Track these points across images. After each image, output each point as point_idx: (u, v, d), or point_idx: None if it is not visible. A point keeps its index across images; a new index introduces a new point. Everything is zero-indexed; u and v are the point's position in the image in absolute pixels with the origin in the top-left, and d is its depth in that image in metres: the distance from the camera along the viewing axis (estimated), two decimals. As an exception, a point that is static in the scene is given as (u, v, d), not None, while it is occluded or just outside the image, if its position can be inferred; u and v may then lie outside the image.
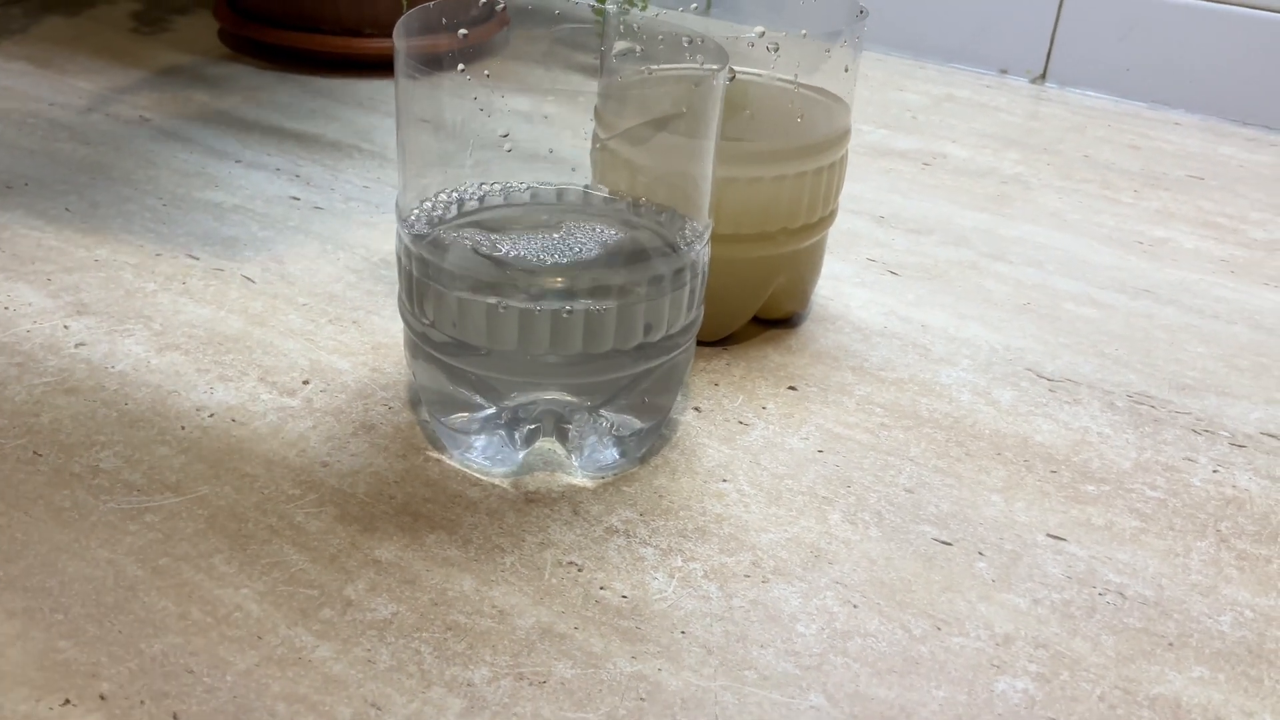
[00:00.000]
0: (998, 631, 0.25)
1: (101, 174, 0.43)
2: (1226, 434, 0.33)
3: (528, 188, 0.30)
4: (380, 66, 0.55)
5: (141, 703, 0.21)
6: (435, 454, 0.29)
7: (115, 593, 0.24)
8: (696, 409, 0.32)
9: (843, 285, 0.39)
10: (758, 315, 0.36)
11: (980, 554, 0.27)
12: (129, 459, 0.28)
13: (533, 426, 0.28)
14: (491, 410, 0.28)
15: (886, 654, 0.24)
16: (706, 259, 0.29)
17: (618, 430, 0.28)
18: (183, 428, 0.29)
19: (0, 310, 0.34)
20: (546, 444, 0.29)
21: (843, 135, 0.34)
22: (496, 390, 0.27)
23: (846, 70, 0.34)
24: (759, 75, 0.35)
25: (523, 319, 0.26)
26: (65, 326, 0.33)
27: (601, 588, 0.25)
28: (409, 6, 0.49)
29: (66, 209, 0.40)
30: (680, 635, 0.24)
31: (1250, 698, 0.24)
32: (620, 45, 0.32)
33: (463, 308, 0.26)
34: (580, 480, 0.28)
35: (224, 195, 0.42)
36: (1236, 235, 0.46)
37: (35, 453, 0.28)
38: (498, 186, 0.30)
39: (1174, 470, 0.31)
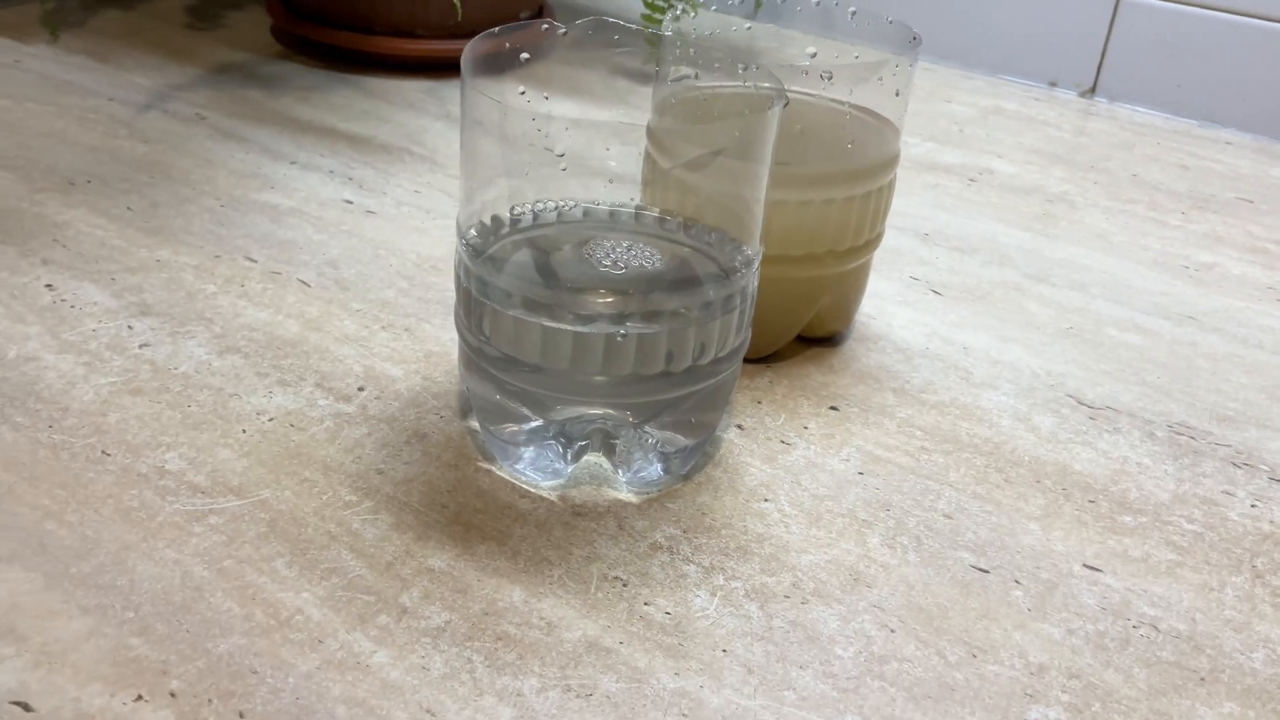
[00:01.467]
0: (1032, 661, 0.26)
1: (160, 173, 0.44)
2: (1266, 468, 0.33)
3: (581, 206, 0.31)
4: (430, 68, 0.57)
5: (209, 701, 0.23)
6: (485, 464, 0.30)
7: (182, 593, 0.25)
8: (739, 426, 0.33)
9: (886, 304, 0.40)
10: (801, 333, 0.36)
11: (1017, 582, 0.28)
12: (193, 461, 0.29)
13: (583, 443, 0.29)
14: (540, 423, 0.29)
15: (922, 679, 0.25)
16: (756, 283, 0.30)
17: (663, 447, 0.29)
18: (244, 431, 0.31)
19: (68, 309, 0.35)
20: (593, 458, 0.30)
21: (891, 160, 0.35)
22: (546, 405, 0.28)
23: (898, 94, 0.35)
24: (810, 96, 0.36)
25: (576, 340, 0.27)
26: (129, 326, 0.35)
27: (646, 603, 0.26)
28: (460, 10, 0.51)
29: (128, 208, 0.42)
30: (721, 653, 0.25)
31: (1281, 736, 0.24)
32: (675, 70, 0.33)
33: (518, 326, 0.27)
34: (625, 495, 0.29)
35: (280, 197, 0.43)
36: (1285, 262, 0.46)
37: (104, 452, 0.30)
38: (552, 204, 0.31)
39: (1212, 503, 0.31)
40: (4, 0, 0.60)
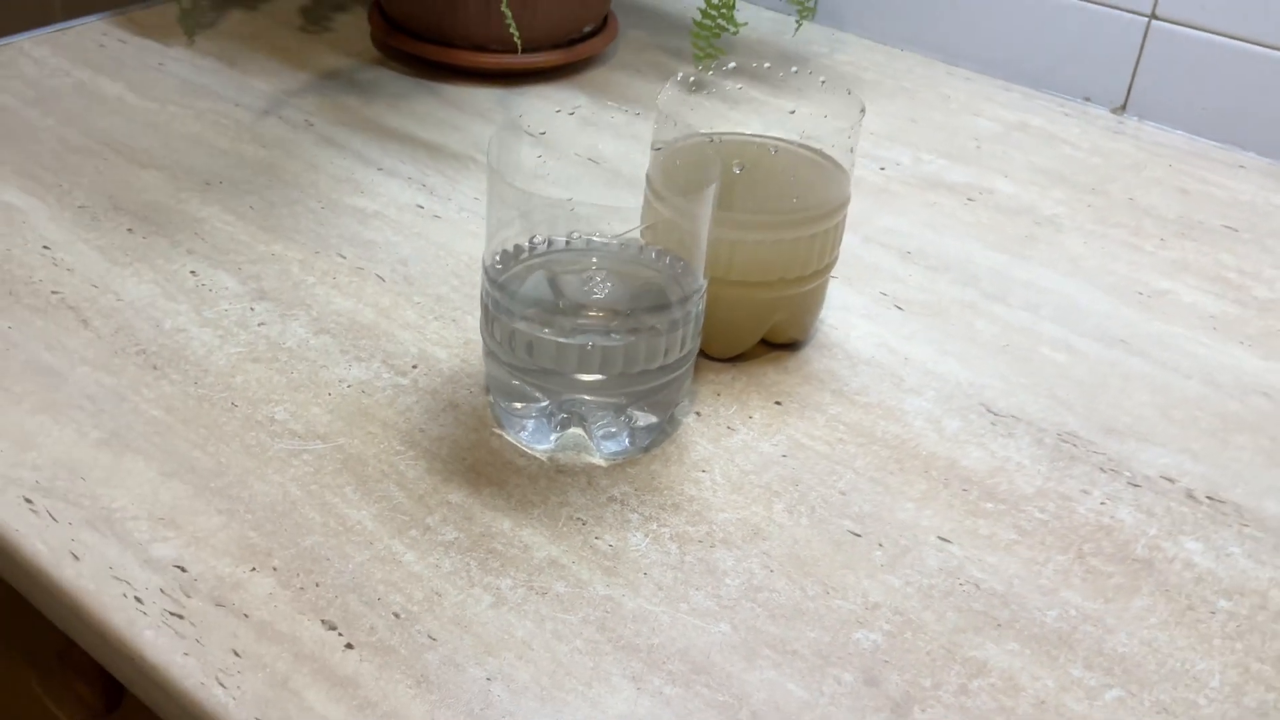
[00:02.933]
0: (870, 600, 0.38)
1: (275, 176, 0.60)
2: (1129, 474, 0.44)
3: (585, 237, 0.44)
4: (502, 77, 0.70)
5: (297, 574, 0.38)
6: (498, 431, 0.44)
7: (283, 505, 0.40)
8: (698, 413, 0.46)
9: (850, 316, 0.52)
10: (766, 338, 0.49)
11: (880, 545, 0.40)
12: (294, 414, 0.45)
13: (564, 417, 0.43)
14: (544, 403, 0.43)
15: (783, 605, 0.38)
16: (703, 307, 0.42)
17: (634, 423, 0.43)
18: (329, 394, 0.46)
19: (206, 291, 0.51)
20: (577, 431, 0.43)
21: (840, 205, 0.47)
22: (547, 390, 0.42)
23: (851, 151, 0.46)
24: (778, 142, 0.48)
25: (570, 348, 0.40)
26: (251, 309, 0.50)
27: (596, 538, 0.40)
28: (520, 43, 0.63)
29: (250, 207, 0.57)
30: (643, 575, 0.38)
31: (1042, 668, 0.36)
32: (667, 125, 0.46)
33: (525, 336, 0.41)
34: (597, 460, 0.43)
35: (366, 201, 0.58)
36: (1239, 292, 0.55)
37: (233, 404, 0.45)
38: (562, 238, 0.44)
39: (1066, 499, 0.43)
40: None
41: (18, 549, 0.38)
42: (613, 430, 0.43)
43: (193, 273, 0.53)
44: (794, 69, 0.49)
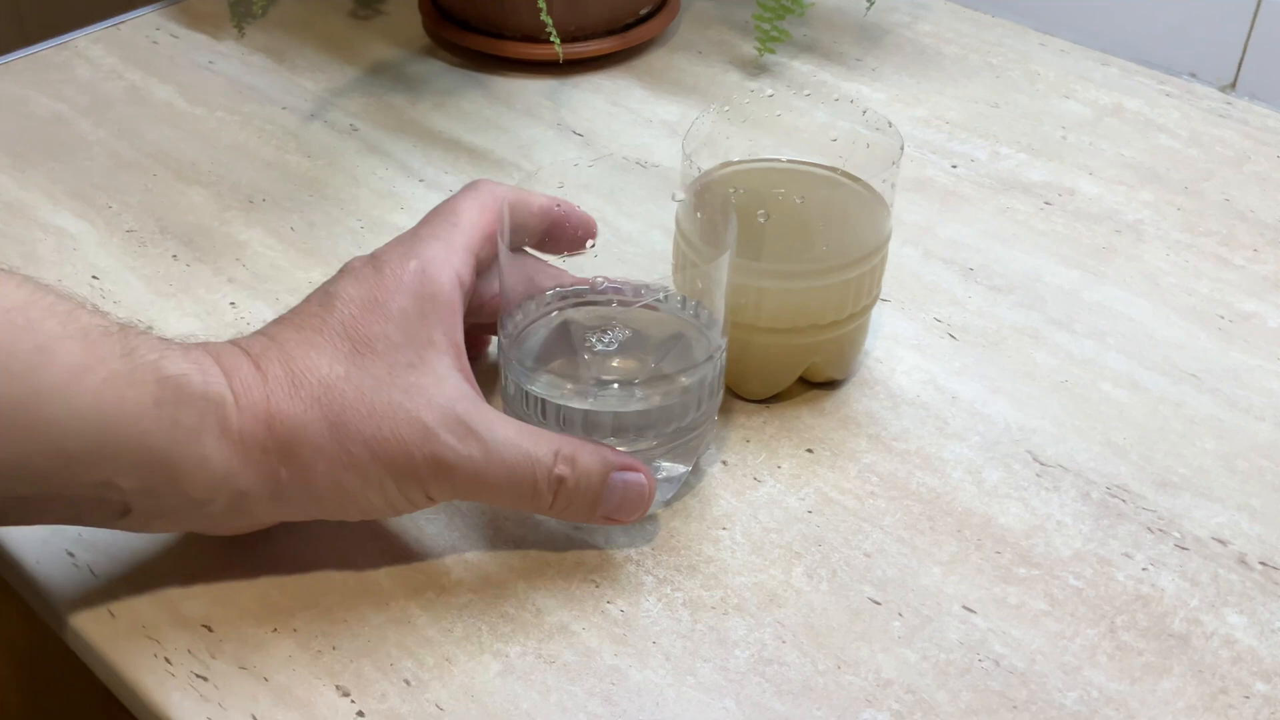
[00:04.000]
0: (883, 676, 0.40)
1: (318, 191, 0.63)
2: (1177, 535, 0.44)
3: (609, 284, 0.46)
4: (552, 67, 0.72)
5: (316, 636, 0.42)
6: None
7: (306, 561, 0.45)
8: (724, 462, 0.48)
9: (898, 347, 0.53)
10: (804, 377, 0.50)
11: (900, 615, 0.42)
12: None
13: None
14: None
15: (792, 680, 0.40)
16: (724, 360, 0.44)
17: (658, 474, 0.45)
18: None
19: (245, 325, 0.55)
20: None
21: (878, 247, 0.47)
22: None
23: (892, 186, 0.47)
24: (801, 169, 0.48)
25: (592, 414, 0.43)
26: None
27: (608, 602, 0.43)
28: (561, 52, 0.64)
29: (291, 228, 0.61)
30: (652, 644, 0.41)
31: (1058, 755, 0.38)
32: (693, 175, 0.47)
33: (540, 397, 0.43)
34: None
35: (406, 219, 0.61)
36: (1339, 315, 0.54)
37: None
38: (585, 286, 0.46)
39: (1106, 563, 0.44)
40: (202, -17, 0.80)
41: (61, 607, 0.44)
42: None
43: (232, 304, 0.57)
44: (835, 98, 0.50)
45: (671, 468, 0.46)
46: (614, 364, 0.45)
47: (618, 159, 0.56)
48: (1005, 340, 0.54)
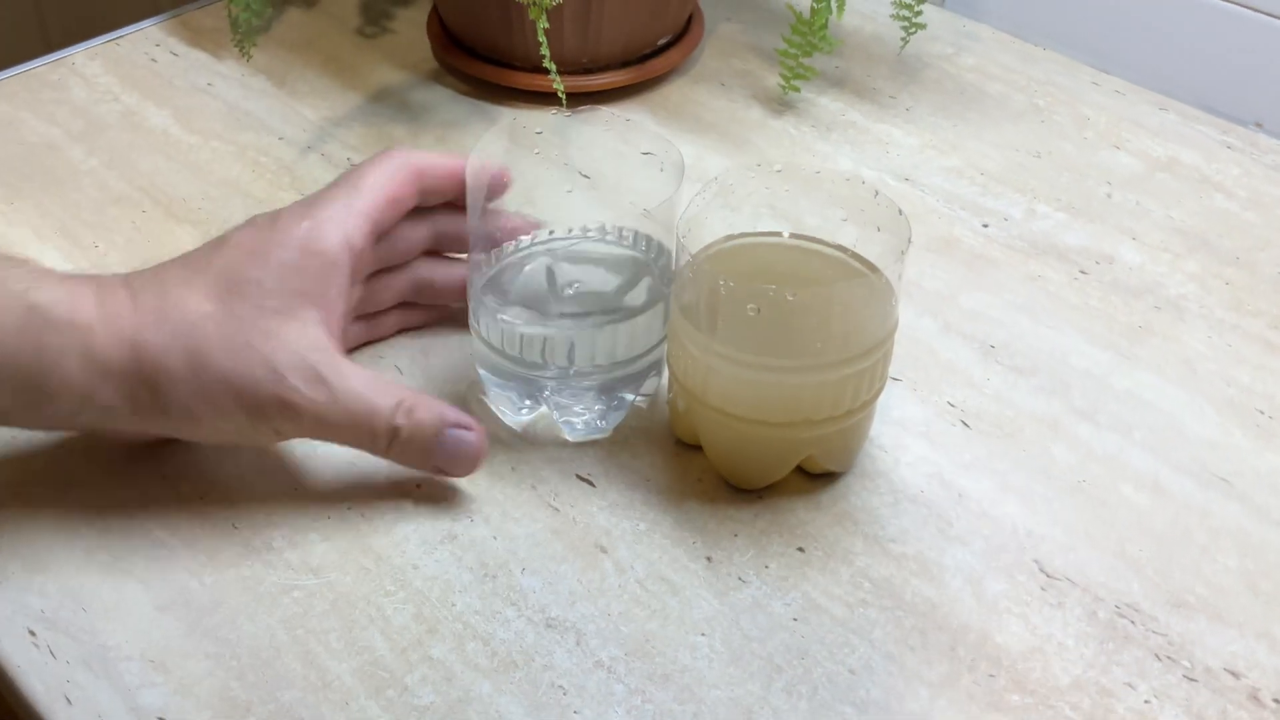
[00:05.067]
0: (855, 810, 0.41)
1: (309, 233, 0.65)
2: (1188, 664, 0.44)
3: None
4: (558, 100, 0.72)
5: None
6: (493, 572, 0.48)
7: (268, 651, 0.46)
8: (709, 559, 0.49)
9: (906, 435, 0.53)
10: (802, 466, 0.51)
11: (880, 741, 0.43)
12: (291, 540, 0.50)
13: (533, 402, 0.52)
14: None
15: (759, 809, 0.41)
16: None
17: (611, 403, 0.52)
18: (328, 517, 0.51)
19: (225, 381, 0.57)
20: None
21: (883, 340, 0.48)
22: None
23: (899, 278, 0.47)
24: (808, 244, 0.49)
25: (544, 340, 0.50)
26: None
27: (575, 711, 0.44)
28: (565, 99, 0.65)
29: (279, 274, 0.63)
30: (616, 762, 0.42)
31: None
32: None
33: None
34: (592, 614, 0.46)
35: (398, 268, 0.63)
36: (1391, 415, 0.53)
37: (234, 525, 0.51)
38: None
39: (1108, 694, 0.44)
40: (207, -8, 0.82)
41: (19, 686, 0.46)
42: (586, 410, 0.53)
43: (215, 357, 0.59)
44: (847, 178, 0.50)
45: (623, 398, 0.53)
46: (571, 291, 0.53)
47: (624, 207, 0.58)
48: (1022, 431, 0.54)
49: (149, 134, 0.72)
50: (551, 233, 0.55)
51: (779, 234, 0.51)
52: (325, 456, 0.53)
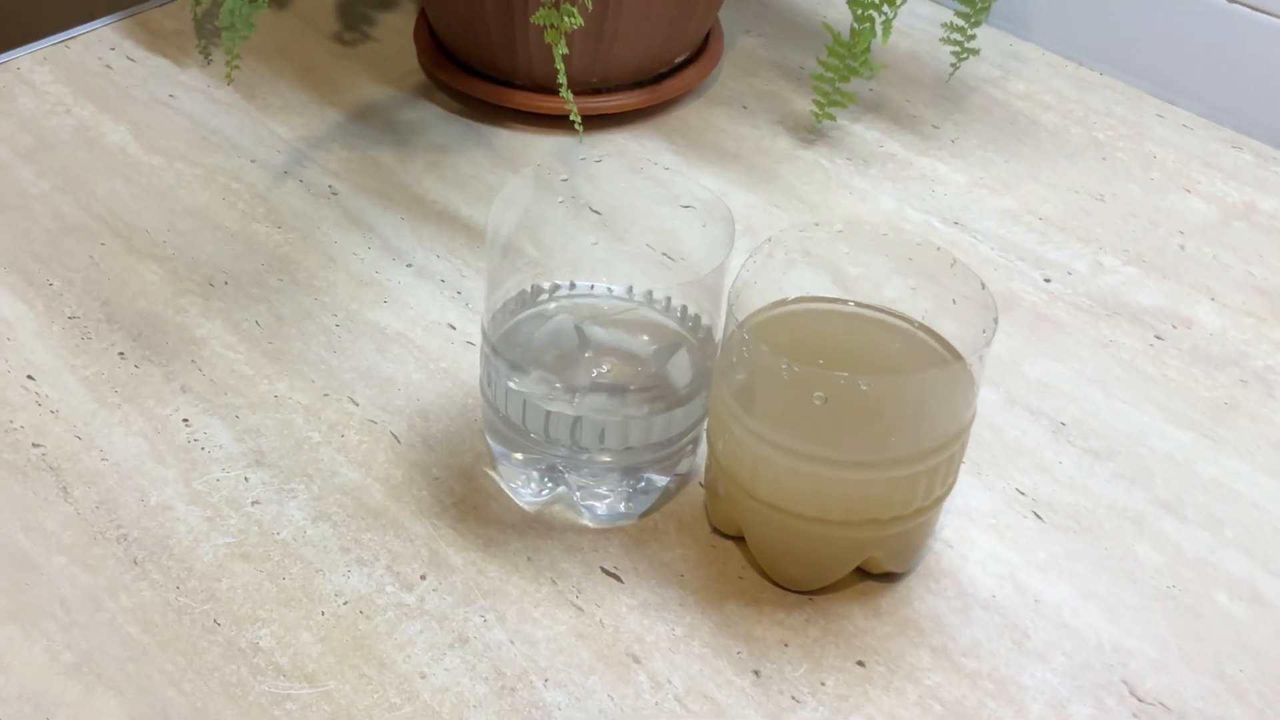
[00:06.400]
0: None
1: (289, 274, 0.61)
2: None
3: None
4: (565, 120, 0.68)
5: None
6: (511, 684, 0.45)
7: None
8: (756, 672, 0.46)
9: (971, 527, 0.50)
10: (859, 567, 0.48)
11: None
12: (281, 640, 0.47)
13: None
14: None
15: None
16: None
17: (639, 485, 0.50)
18: (323, 613, 0.48)
19: (199, 451, 0.53)
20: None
21: (959, 433, 0.45)
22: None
23: (981, 359, 0.44)
24: (874, 313, 0.46)
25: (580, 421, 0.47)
26: (246, 479, 0.52)
27: None
28: (579, 123, 0.62)
29: (256, 322, 0.59)
30: None
31: None
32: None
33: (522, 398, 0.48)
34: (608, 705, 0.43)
35: (390, 316, 0.59)
36: None
37: (215, 621, 0.47)
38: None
39: None
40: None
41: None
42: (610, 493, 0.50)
43: (185, 421, 0.55)
44: (918, 242, 0.47)
45: (654, 479, 0.49)
46: (606, 368, 0.50)
47: (639, 250, 0.55)
48: (1102, 525, 0.51)
49: (106, 153, 0.68)
50: (573, 286, 0.53)
51: (841, 301, 0.48)
52: (313, 540, 0.50)
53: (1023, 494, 0.52)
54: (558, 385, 0.48)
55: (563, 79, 0.60)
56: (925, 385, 0.44)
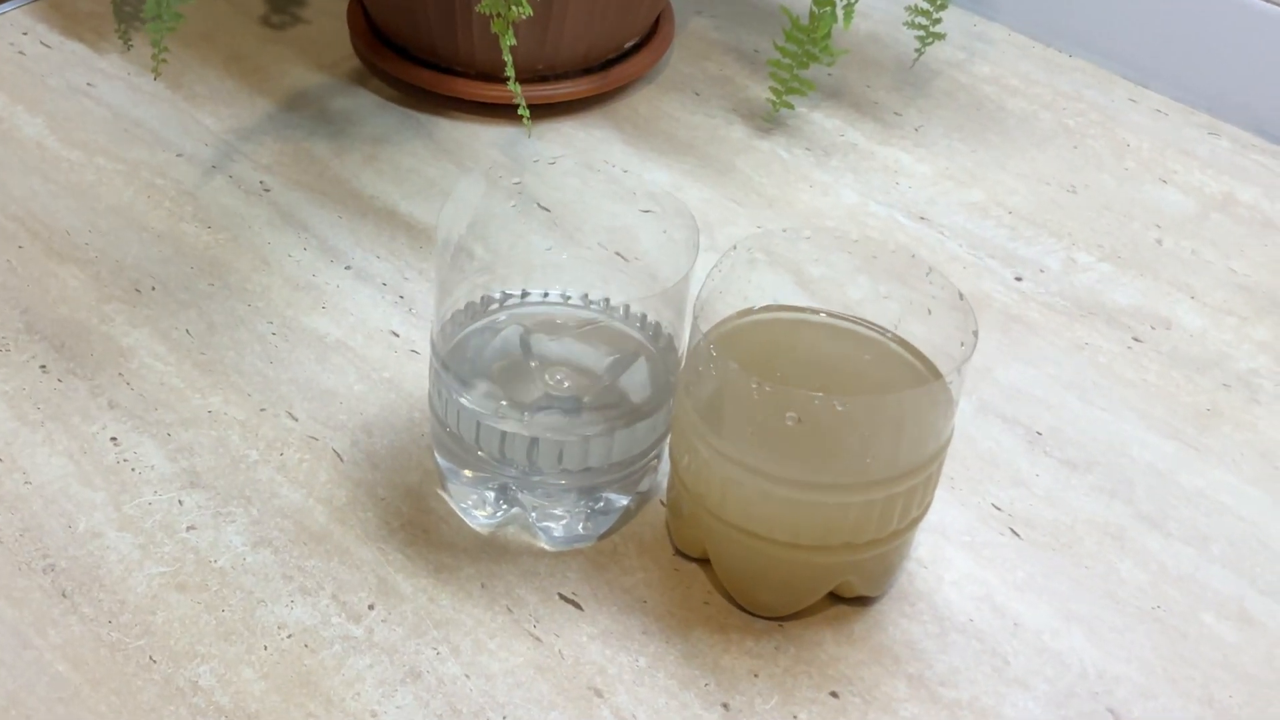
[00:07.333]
0: None
1: (220, 278, 0.59)
2: None
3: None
4: (509, 109, 0.66)
5: None
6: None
7: None
8: (725, 705, 0.44)
9: (946, 545, 0.49)
10: (831, 591, 0.47)
11: None
12: (222, 677, 0.45)
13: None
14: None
15: None
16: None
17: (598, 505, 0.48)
18: (265, 647, 0.46)
19: (129, 472, 0.51)
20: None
21: (936, 453, 0.44)
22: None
23: (959, 373, 0.43)
24: (845, 324, 0.45)
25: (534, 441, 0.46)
26: (180, 502, 0.50)
27: None
28: (525, 107, 0.60)
29: (187, 331, 0.56)
30: None
31: None
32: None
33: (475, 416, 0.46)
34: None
35: (329, 323, 0.57)
36: None
37: (151, 658, 0.45)
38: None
39: None
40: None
41: None
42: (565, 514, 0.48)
43: (114, 440, 0.52)
44: (893, 249, 0.45)
45: (613, 499, 0.48)
46: (560, 377, 0.48)
47: (595, 252, 0.53)
48: (1081, 541, 0.50)
49: (21, 147, 0.65)
50: (525, 294, 0.51)
51: (811, 310, 0.47)
52: (253, 567, 0.48)
53: (999, 509, 0.51)
54: (503, 401, 0.46)
55: (510, 71, 0.58)
56: (903, 405, 0.42)
